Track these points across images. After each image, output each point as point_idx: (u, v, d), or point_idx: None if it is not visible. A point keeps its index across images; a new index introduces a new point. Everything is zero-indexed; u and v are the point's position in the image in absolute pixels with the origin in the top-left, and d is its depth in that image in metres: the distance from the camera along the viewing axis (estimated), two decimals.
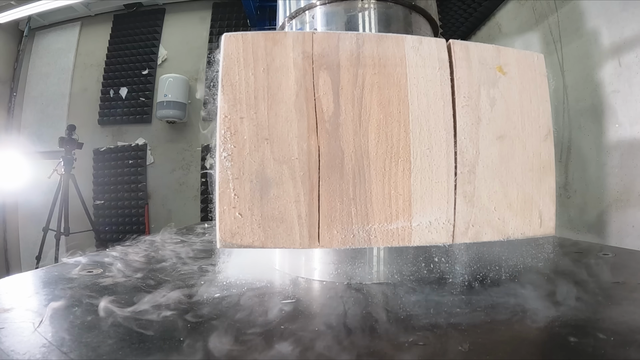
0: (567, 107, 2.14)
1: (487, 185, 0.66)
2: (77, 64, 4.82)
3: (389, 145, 0.62)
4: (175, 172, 4.53)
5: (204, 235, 1.42)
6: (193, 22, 4.78)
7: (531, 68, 0.71)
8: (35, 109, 4.78)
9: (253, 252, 0.86)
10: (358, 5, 0.85)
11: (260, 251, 0.81)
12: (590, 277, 0.75)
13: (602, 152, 1.96)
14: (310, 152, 0.61)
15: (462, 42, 0.67)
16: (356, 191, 0.61)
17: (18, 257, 4.56)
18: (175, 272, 0.87)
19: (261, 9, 3.14)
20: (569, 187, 2.10)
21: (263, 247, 0.60)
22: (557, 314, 0.56)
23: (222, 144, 0.60)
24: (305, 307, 0.62)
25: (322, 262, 0.79)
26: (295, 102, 0.61)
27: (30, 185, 4.06)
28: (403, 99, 0.63)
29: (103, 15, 4.86)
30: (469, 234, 0.65)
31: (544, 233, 0.70)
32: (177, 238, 1.33)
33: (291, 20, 0.93)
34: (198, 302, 0.64)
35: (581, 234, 2.02)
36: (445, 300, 0.63)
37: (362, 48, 0.63)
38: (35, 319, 0.57)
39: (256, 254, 0.89)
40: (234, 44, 0.63)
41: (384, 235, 0.62)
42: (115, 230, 4.37)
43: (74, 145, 3.76)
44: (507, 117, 0.68)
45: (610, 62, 1.92)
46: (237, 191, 0.60)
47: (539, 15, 2.47)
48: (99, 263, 0.95)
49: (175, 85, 4.32)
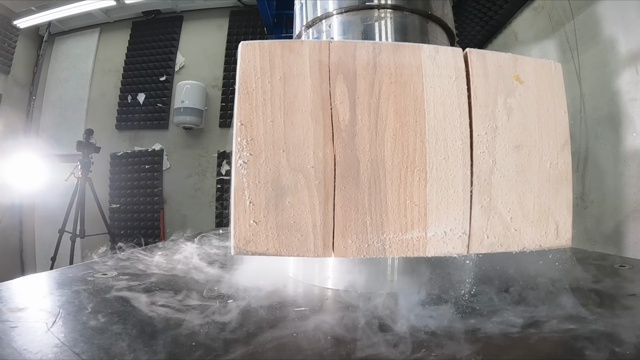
0: (584, 115, 2.11)
1: (503, 196, 0.65)
2: (96, 69, 4.92)
3: (405, 154, 0.62)
4: (191, 178, 4.58)
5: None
6: (211, 30, 4.84)
7: (548, 77, 0.70)
8: (54, 113, 4.88)
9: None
10: (374, 15, 0.85)
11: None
12: (606, 290, 0.74)
13: (620, 161, 1.92)
14: (326, 160, 0.61)
15: (478, 51, 0.66)
16: (371, 200, 0.61)
17: (33, 257, 4.64)
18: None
19: (278, 16, 3.17)
20: (585, 198, 2.06)
21: (277, 255, 0.60)
22: (572, 327, 0.55)
23: (238, 152, 0.60)
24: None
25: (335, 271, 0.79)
26: (312, 111, 0.62)
27: (47, 187, 4.13)
28: (419, 108, 0.63)
29: (122, 22, 4.96)
30: (485, 245, 0.64)
31: (560, 244, 0.68)
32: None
33: (308, 29, 0.93)
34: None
35: (598, 245, 1.98)
36: (457, 310, 0.63)
37: (378, 57, 0.64)
38: (49, 319, 0.58)
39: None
40: (250, 52, 0.63)
41: (399, 245, 0.61)
42: (130, 234, 4.42)
43: (92, 149, 3.82)
44: (524, 126, 0.67)
45: (628, 70, 1.89)
46: (252, 199, 0.60)
47: (555, 23, 2.45)
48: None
49: (192, 91, 4.37)
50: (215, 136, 4.61)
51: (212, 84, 4.68)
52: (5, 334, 0.52)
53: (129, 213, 4.55)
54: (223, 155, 4.44)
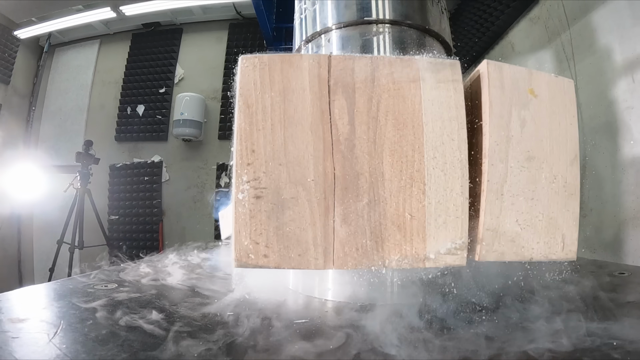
0: (581, 124, 2.13)
1: (513, 206, 0.65)
2: (96, 80, 4.95)
3: (403, 167, 0.62)
4: (190, 190, 4.58)
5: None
6: (210, 42, 4.88)
7: (561, 92, 0.71)
8: (54, 124, 4.90)
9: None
10: (373, 29, 0.87)
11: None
12: (603, 296, 0.74)
13: (618, 169, 1.93)
14: (325, 174, 0.61)
15: (496, 63, 0.67)
16: (371, 213, 0.61)
17: (32, 268, 4.62)
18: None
19: (277, 29, 3.20)
20: (584, 206, 2.07)
21: (278, 267, 0.61)
22: (569, 334, 0.55)
23: (238, 165, 0.61)
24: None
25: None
26: (311, 125, 0.62)
27: (46, 198, 4.13)
28: (417, 121, 0.63)
29: (122, 34, 5.01)
30: (493, 253, 0.65)
31: (565, 257, 0.69)
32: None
33: (307, 43, 0.94)
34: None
35: (598, 253, 1.98)
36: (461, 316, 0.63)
37: (376, 71, 0.64)
38: (50, 330, 0.58)
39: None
40: (250, 66, 0.64)
41: (399, 257, 0.62)
42: (129, 246, 4.41)
43: (91, 160, 3.83)
44: (537, 139, 0.67)
45: (624, 79, 1.91)
46: (253, 212, 0.60)
47: (551, 33, 2.48)
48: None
49: (191, 103, 4.40)
50: (214, 148, 4.63)
51: (212, 96, 4.71)
52: (6, 345, 0.52)
53: (127, 225, 4.55)
54: (222, 168, 4.45)
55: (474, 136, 0.68)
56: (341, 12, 0.88)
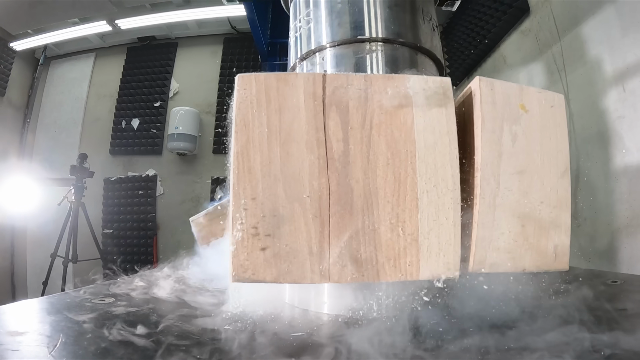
0: (573, 135, 2.15)
1: (505, 218, 0.67)
2: (91, 93, 4.95)
3: (396, 182, 0.64)
4: (185, 204, 4.56)
5: None
6: (204, 56, 4.91)
7: (551, 107, 0.73)
8: (48, 136, 4.88)
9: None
10: (366, 48, 0.89)
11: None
12: (595, 305, 0.75)
13: (610, 178, 1.95)
14: (321, 189, 0.63)
15: (487, 79, 0.69)
16: (365, 227, 0.63)
17: (25, 282, 4.57)
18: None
19: (272, 44, 3.22)
20: (578, 216, 2.08)
21: (275, 282, 0.62)
22: (560, 342, 0.56)
23: (235, 182, 0.62)
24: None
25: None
26: (307, 142, 0.64)
27: (40, 211, 4.10)
28: (410, 137, 0.65)
29: (117, 47, 5.02)
30: (486, 265, 0.66)
31: (557, 267, 0.70)
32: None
33: (302, 61, 0.96)
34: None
35: (592, 262, 1.99)
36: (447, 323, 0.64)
37: (370, 89, 0.66)
38: (50, 344, 0.58)
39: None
40: (247, 85, 0.65)
41: (393, 270, 0.63)
42: (123, 260, 4.37)
43: (85, 173, 3.82)
44: (528, 153, 0.69)
45: (615, 88, 1.93)
46: (249, 227, 0.61)
47: (542, 45, 2.51)
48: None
49: (186, 117, 4.41)
50: (208, 162, 4.62)
51: (206, 110, 4.72)
52: (6, 358, 0.52)
53: (122, 239, 4.51)
54: (217, 182, 4.44)
55: (466, 150, 0.70)
56: (335, 31, 0.91)
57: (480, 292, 0.79)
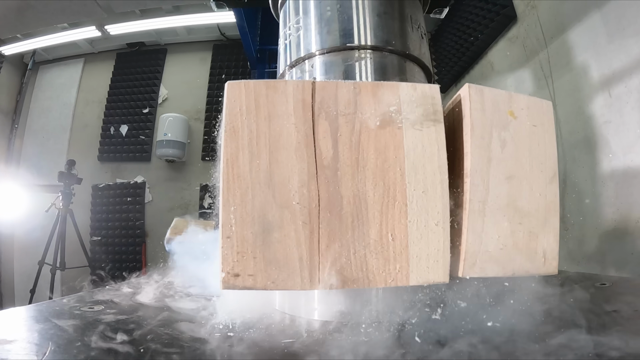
0: (561, 140, 2.18)
1: (495, 223, 0.68)
2: (79, 99, 4.92)
3: (385, 189, 0.64)
4: (174, 211, 4.53)
5: None
6: (194, 63, 4.91)
7: (540, 113, 0.74)
8: (36, 142, 4.84)
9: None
10: (355, 55, 0.89)
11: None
12: (584, 308, 0.76)
13: (597, 182, 1.98)
14: (310, 196, 0.63)
15: (477, 86, 0.70)
16: (355, 234, 0.63)
17: (12, 289, 4.50)
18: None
19: (261, 51, 3.24)
20: (566, 220, 2.11)
21: (265, 289, 0.61)
22: (551, 344, 0.57)
23: (225, 189, 0.62)
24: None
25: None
26: (296, 149, 0.64)
27: (27, 218, 4.05)
28: (399, 144, 0.65)
29: (106, 53, 5.01)
30: (476, 270, 0.66)
31: (546, 272, 0.71)
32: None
33: (291, 68, 0.97)
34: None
35: (581, 265, 2.02)
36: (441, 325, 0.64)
37: (359, 96, 0.67)
38: (39, 352, 0.57)
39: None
40: (237, 92, 0.66)
41: (383, 276, 0.63)
42: (111, 267, 4.32)
43: (73, 180, 3.78)
44: (517, 158, 0.70)
45: (601, 94, 1.97)
46: (239, 235, 0.61)
47: (529, 52, 2.55)
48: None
49: (175, 124, 4.40)
50: (197, 169, 4.61)
51: (195, 116, 4.72)
52: None
53: (110, 246, 4.47)
54: (205, 189, 4.43)
55: (455, 156, 0.70)
56: (324, 38, 0.91)
57: (471, 297, 0.80)
